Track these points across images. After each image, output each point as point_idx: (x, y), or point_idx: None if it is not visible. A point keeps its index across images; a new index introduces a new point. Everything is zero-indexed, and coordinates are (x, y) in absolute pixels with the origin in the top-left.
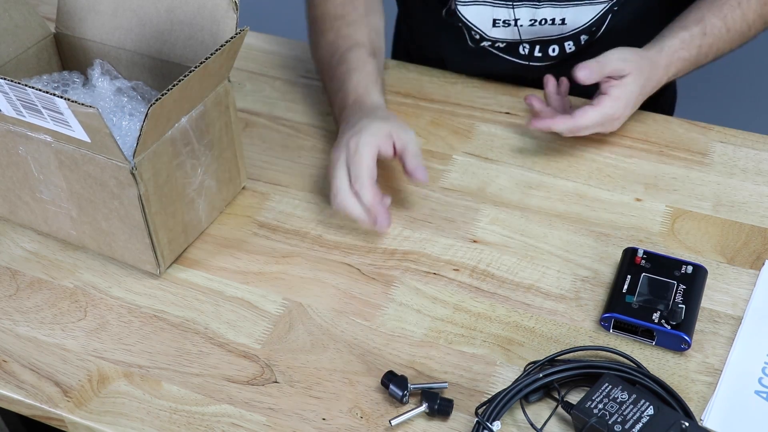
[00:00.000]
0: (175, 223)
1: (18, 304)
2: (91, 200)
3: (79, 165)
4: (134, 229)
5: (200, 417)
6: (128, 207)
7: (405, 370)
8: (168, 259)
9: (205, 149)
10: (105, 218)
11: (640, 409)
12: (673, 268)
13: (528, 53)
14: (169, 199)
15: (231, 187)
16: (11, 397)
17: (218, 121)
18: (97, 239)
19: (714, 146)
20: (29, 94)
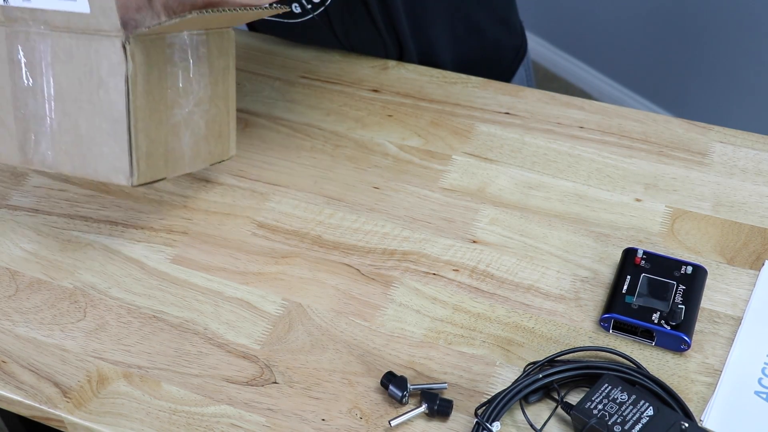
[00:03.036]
0: (158, 137)
1: (17, 304)
2: (76, 98)
3: (73, 55)
4: (115, 124)
5: (200, 418)
6: (113, 95)
7: (404, 371)
8: (143, 174)
9: (201, 79)
10: (86, 119)
11: (640, 410)
12: (673, 268)
13: (301, 10)
14: (155, 104)
15: (219, 144)
16: (10, 398)
17: (218, 61)
18: (72, 154)
19: (714, 146)
20: None
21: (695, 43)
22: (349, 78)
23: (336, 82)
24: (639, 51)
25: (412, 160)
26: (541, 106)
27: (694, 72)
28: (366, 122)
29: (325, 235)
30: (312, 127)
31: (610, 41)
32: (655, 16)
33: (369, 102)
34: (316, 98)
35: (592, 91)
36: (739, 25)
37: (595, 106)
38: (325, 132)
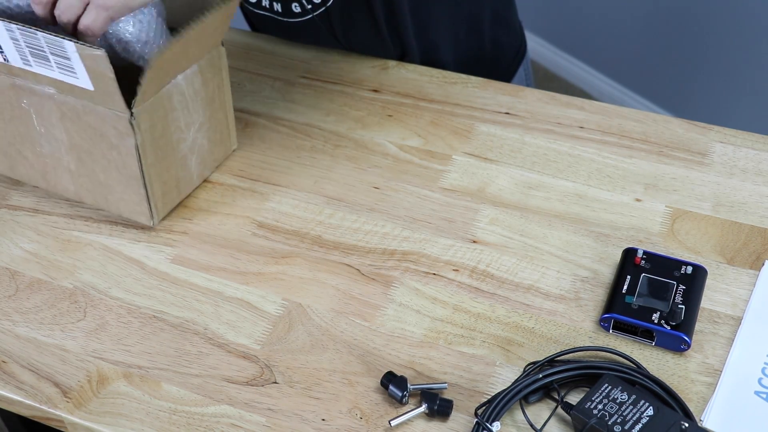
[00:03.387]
0: (169, 177)
1: (17, 304)
2: (90, 152)
3: (81, 116)
4: (130, 179)
5: (200, 418)
6: (125, 157)
7: (404, 371)
8: (161, 212)
9: (199, 108)
10: (103, 170)
11: (640, 410)
12: (673, 268)
13: (301, 9)
14: (163, 152)
15: (222, 147)
16: (11, 398)
17: (212, 82)
18: (93, 192)
19: (714, 146)
20: (39, 38)
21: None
22: (349, 78)
23: (336, 82)
24: (639, 51)
25: (412, 160)
26: (541, 106)
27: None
28: (366, 122)
29: (325, 235)
30: (312, 127)
31: (610, 41)
32: (655, 16)
33: (369, 102)
34: (316, 98)
35: (592, 91)
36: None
37: (595, 106)
38: (325, 132)
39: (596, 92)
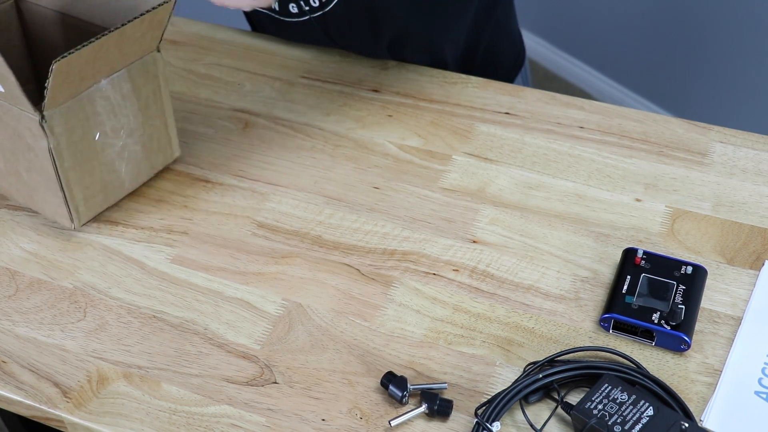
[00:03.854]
0: (93, 182)
1: (17, 304)
2: (13, 151)
3: (0, 115)
4: (48, 181)
5: (200, 418)
6: (41, 159)
7: (404, 371)
8: (84, 216)
9: (129, 114)
10: (25, 170)
11: (640, 410)
12: (673, 268)
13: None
14: (84, 156)
15: (160, 155)
16: (10, 398)
17: (145, 88)
18: (21, 191)
19: (714, 146)
20: None
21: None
22: (349, 78)
23: (336, 82)
24: (639, 51)
25: (412, 160)
26: (541, 106)
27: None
28: (366, 122)
29: (325, 235)
30: (312, 127)
31: (610, 41)
32: (656, 16)
33: (369, 102)
34: (316, 98)
35: (592, 91)
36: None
37: (595, 106)
38: (325, 132)
39: (596, 92)
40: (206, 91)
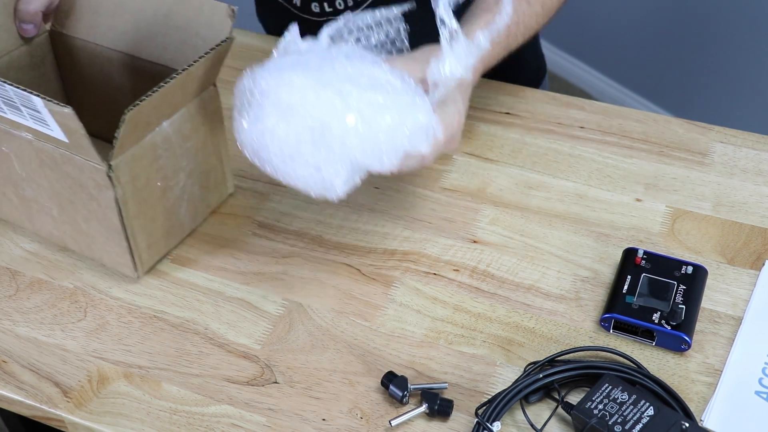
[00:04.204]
0: (155, 228)
1: (18, 304)
2: (71, 200)
3: (59, 164)
4: (112, 231)
5: (200, 417)
6: (105, 209)
7: (405, 371)
8: (146, 264)
9: (188, 154)
10: (84, 219)
11: (640, 410)
12: (673, 268)
13: (320, 10)
14: (148, 203)
15: (216, 193)
16: (11, 398)
17: (203, 126)
18: (77, 240)
19: (714, 146)
20: (8, 91)
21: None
22: None
23: None
24: (639, 51)
25: None
26: (542, 106)
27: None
28: None
29: (325, 235)
30: None
31: (610, 41)
32: (656, 17)
33: None
34: None
35: (592, 91)
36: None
37: (595, 106)
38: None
39: (596, 92)
40: None
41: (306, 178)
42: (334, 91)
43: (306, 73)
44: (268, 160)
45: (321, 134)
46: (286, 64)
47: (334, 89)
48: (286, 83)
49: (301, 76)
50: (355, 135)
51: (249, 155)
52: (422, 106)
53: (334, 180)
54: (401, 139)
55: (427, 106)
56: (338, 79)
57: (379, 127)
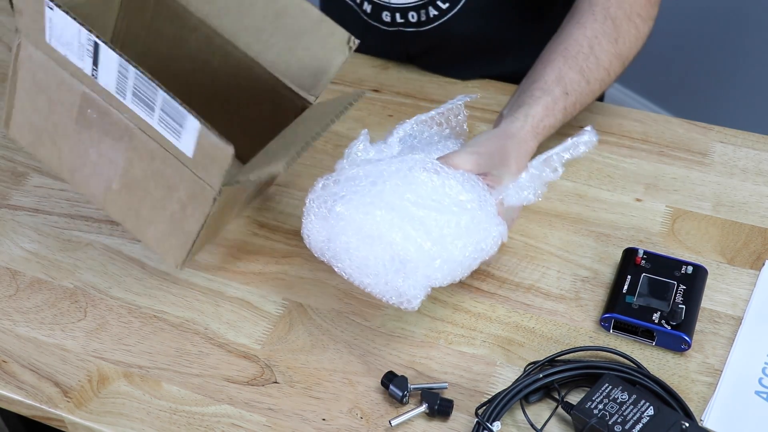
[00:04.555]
0: (210, 234)
1: (18, 304)
2: (147, 190)
3: (155, 160)
4: (181, 233)
5: (200, 417)
6: (189, 217)
7: (405, 371)
8: (189, 261)
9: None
10: (151, 209)
11: (640, 410)
12: (674, 268)
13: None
14: (220, 220)
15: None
16: (11, 398)
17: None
18: (127, 216)
19: (714, 146)
20: (156, 94)
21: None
22: (350, 78)
23: (336, 82)
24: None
25: None
26: None
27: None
28: (366, 122)
29: None
30: None
31: None
32: None
33: (369, 102)
34: None
35: None
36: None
37: (596, 106)
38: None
39: None
40: None
41: (383, 291)
42: (413, 224)
43: (384, 203)
44: (341, 267)
45: (402, 262)
46: (364, 189)
47: (414, 220)
48: (366, 214)
49: (381, 209)
50: (434, 261)
51: (314, 252)
52: (494, 220)
53: (411, 297)
54: (477, 257)
55: (498, 217)
56: (416, 205)
57: (458, 251)
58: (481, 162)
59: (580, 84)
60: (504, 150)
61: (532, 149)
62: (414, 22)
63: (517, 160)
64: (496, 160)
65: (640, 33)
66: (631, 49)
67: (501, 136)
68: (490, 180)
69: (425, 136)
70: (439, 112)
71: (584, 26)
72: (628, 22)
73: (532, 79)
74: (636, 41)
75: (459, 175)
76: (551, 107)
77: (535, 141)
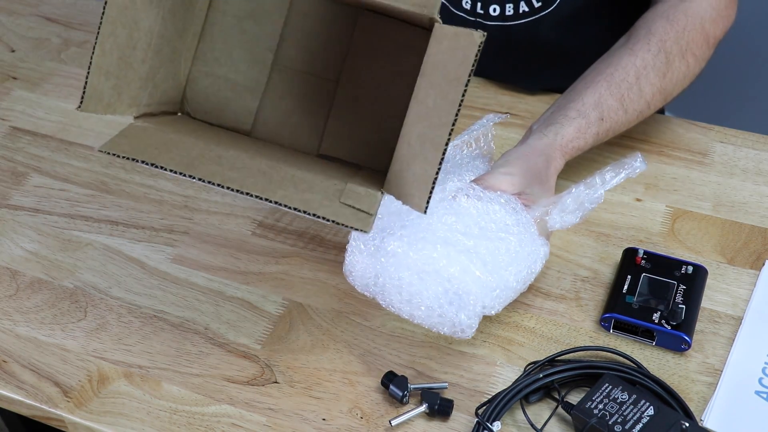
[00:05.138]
0: None
1: (18, 304)
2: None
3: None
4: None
5: (200, 417)
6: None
7: (405, 371)
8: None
9: None
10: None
11: (641, 410)
12: (674, 268)
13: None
14: None
15: None
16: (11, 398)
17: None
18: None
19: (714, 146)
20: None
21: None
22: None
23: None
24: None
25: None
26: (542, 106)
27: None
28: None
29: (325, 235)
30: None
31: None
32: None
33: None
34: None
35: None
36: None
37: None
38: None
39: None
40: None
41: (435, 323)
42: (469, 256)
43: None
44: (389, 302)
45: (458, 294)
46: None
47: (468, 252)
48: (420, 251)
49: (436, 244)
50: (493, 292)
51: (358, 287)
52: (538, 240)
53: (466, 327)
54: (528, 281)
55: (540, 237)
56: (466, 236)
57: (512, 277)
58: (515, 182)
59: (618, 112)
60: (536, 168)
61: (560, 167)
62: (496, 16)
63: (548, 178)
64: (530, 179)
65: (690, 72)
66: (676, 86)
67: (531, 154)
68: (524, 199)
69: (457, 159)
70: (471, 135)
71: (636, 54)
72: (680, 59)
73: (569, 98)
74: (684, 79)
75: (498, 197)
76: (584, 130)
77: (562, 160)
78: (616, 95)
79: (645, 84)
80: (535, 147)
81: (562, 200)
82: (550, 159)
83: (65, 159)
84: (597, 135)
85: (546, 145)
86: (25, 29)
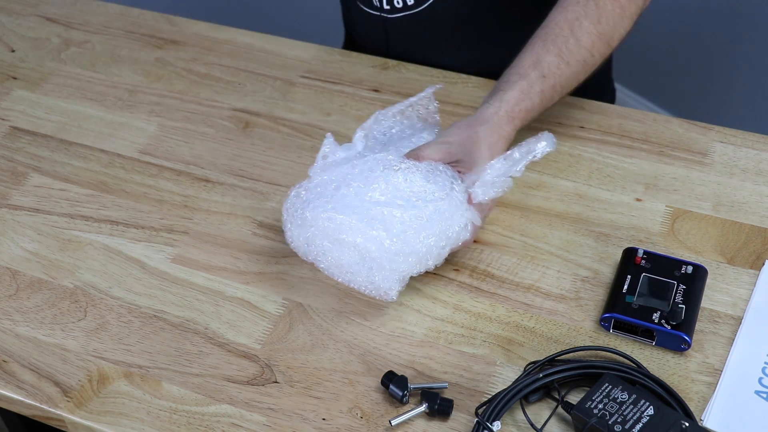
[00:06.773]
0: None
1: (18, 304)
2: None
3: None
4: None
5: (200, 417)
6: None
7: (405, 370)
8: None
9: None
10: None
11: (640, 409)
12: (673, 268)
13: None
14: None
15: None
16: (11, 397)
17: None
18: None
19: (714, 146)
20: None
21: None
22: (349, 78)
23: (336, 82)
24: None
25: None
26: None
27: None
28: None
29: None
30: (312, 127)
31: None
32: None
33: (369, 102)
34: (316, 98)
35: None
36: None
37: (596, 106)
38: (326, 132)
39: None
40: (207, 90)
41: (362, 286)
42: (372, 224)
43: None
44: (324, 267)
45: (372, 259)
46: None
47: (374, 220)
48: (329, 220)
49: (342, 213)
50: (397, 257)
51: (300, 255)
52: (461, 207)
53: (387, 290)
54: (446, 245)
55: (464, 204)
56: (378, 204)
57: (419, 243)
58: (452, 150)
59: (560, 66)
60: (476, 136)
61: (508, 133)
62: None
63: (490, 145)
64: (468, 147)
65: (625, 12)
66: (615, 28)
67: (473, 123)
68: (461, 167)
69: (395, 131)
70: (406, 106)
71: (566, 9)
72: (612, 2)
73: (511, 65)
74: (621, 20)
75: (424, 167)
76: (527, 91)
77: (511, 125)
78: (554, 51)
79: (581, 33)
80: (479, 116)
81: (483, 173)
82: (496, 127)
83: (65, 159)
84: (542, 93)
85: (491, 114)
86: (25, 29)
